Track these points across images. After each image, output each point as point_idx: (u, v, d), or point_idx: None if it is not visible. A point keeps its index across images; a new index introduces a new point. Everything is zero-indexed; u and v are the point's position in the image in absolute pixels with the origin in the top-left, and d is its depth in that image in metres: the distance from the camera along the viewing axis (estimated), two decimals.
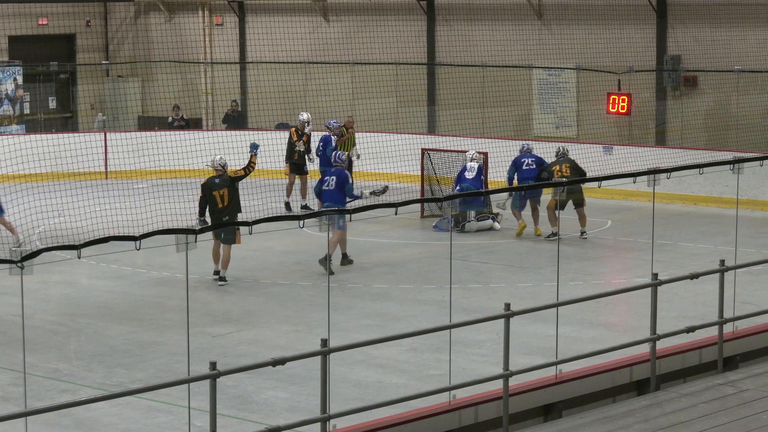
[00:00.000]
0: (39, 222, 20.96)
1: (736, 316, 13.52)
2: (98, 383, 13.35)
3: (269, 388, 13.04)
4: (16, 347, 14.49)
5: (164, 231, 9.78)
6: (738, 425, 10.81)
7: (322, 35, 32.48)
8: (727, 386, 12.01)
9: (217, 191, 18.32)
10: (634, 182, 12.87)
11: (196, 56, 34.16)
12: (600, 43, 27.99)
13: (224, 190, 18.30)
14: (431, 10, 30.94)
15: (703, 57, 27.11)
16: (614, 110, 27.80)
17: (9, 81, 31.17)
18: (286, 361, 9.91)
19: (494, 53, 29.17)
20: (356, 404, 11.32)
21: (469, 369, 13.30)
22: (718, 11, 27.01)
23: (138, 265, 19.20)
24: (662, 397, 11.83)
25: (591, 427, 11.00)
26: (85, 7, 34.46)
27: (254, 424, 11.54)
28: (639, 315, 15.12)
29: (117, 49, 35.59)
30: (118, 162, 28.67)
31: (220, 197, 18.27)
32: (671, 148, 26.56)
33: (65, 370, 13.85)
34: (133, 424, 12.05)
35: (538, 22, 29.44)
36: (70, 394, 12.76)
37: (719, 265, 12.91)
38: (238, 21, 34.09)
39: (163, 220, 21.16)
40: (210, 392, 9.47)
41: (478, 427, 11.36)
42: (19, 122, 31.32)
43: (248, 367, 10.66)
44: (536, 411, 11.84)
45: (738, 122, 26.77)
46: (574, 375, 12.09)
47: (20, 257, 8.85)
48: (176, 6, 35.07)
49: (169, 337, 15.15)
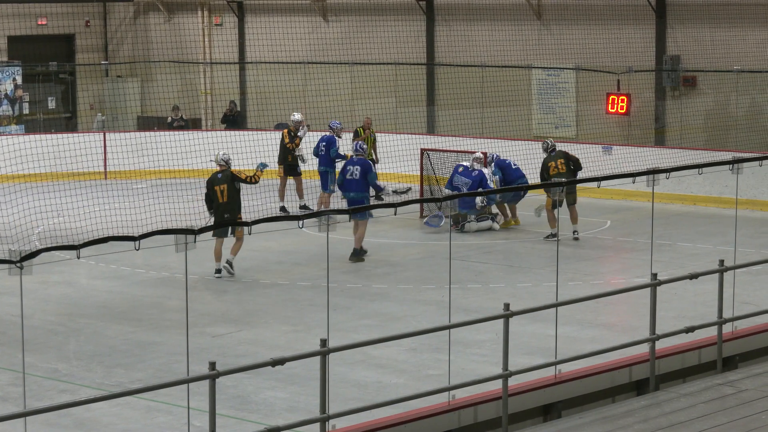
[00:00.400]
0: (38, 222, 20.95)
1: (736, 316, 13.52)
2: (97, 383, 13.35)
3: (268, 388, 13.03)
4: (15, 347, 14.49)
5: (163, 231, 9.77)
6: (737, 425, 10.81)
7: (321, 35, 32.48)
8: (726, 386, 12.01)
9: (218, 186, 18.54)
10: (634, 182, 12.86)
11: (196, 56, 34.17)
12: (599, 43, 27.99)
13: (224, 186, 18.50)
14: (430, 11, 30.95)
15: (702, 57, 27.12)
16: (613, 110, 27.80)
17: (8, 81, 31.17)
18: (286, 361, 9.91)
19: (493, 53, 29.18)
20: (355, 404, 11.32)
21: (469, 369, 13.30)
22: (717, 11, 27.02)
23: (137, 265, 19.19)
24: (661, 397, 11.83)
25: (590, 427, 11.00)
26: (84, 7, 34.46)
27: (253, 425, 11.54)
28: (638, 315, 15.12)
29: (116, 50, 35.59)
30: (117, 162, 28.68)
31: (221, 192, 18.51)
32: (670, 148, 26.57)
33: (64, 370, 13.85)
34: (132, 424, 12.05)
35: (537, 22, 29.44)
36: (70, 394, 12.76)
37: (718, 265, 12.91)
38: (237, 21, 34.10)
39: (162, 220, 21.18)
40: (209, 392, 9.47)
41: (478, 427, 11.35)
42: (19, 122, 31.32)
43: (247, 368, 10.66)
44: (536, 411, 11.84)
45: (737, 122, 26.78)
46: (573, 375, 12.09)
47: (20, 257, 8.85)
48: (175, 6, 35.07)
49: (168, 337, 15.15)
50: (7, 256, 8.89)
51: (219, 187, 18.52)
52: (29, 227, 20.38)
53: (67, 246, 9.36)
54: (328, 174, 23.39)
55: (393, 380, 13.39)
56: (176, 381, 10.31)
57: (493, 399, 11.33)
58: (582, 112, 28.96)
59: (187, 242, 9.54)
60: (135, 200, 23.14)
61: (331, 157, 23.43)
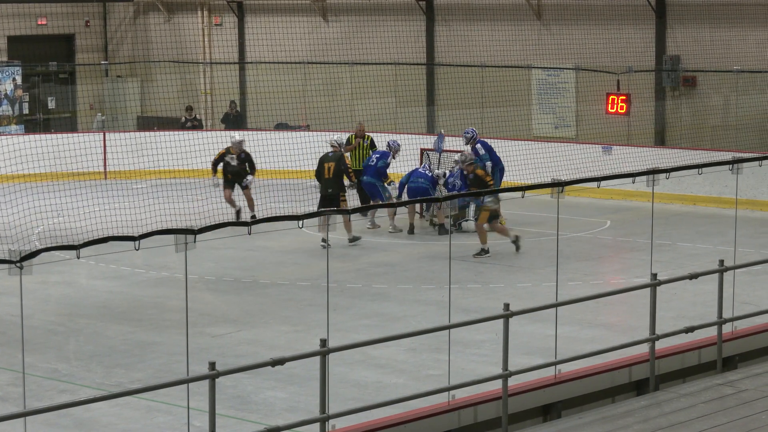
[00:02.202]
0: (38, 222, 20.94)
1: (735, 317, 13.52)
2: (97, 383, 13.35)
3: (268, 388, 13.04)
4: (15, 347, 14.49)
5: (163, 231, 9.77)
6: (737, 425, 10.81)
7: (321, 35, 32.48)
8: (726, 386, 12.01)
9: (327, 163, 20.97)
10: (633, 182, 12.87)
11: (195, 56, 34.17)
12: (599, 43, 27.99)
13: (332, 164, 20.90)
14: (430, 11, 30.95)
15: (702, 57, 27.12)
16: (613, 110, 27.79)
17: (8, 81, 31.18)
18: (285, 362, 9.91)
19: (493, 53, 29.17)
20: (355, 404, 11.32)
21: (468, 369, 13.30)
22: (717, 11, 27.02)
23: (137, 265, 19.20)
24: (661, 397, 11.83)
25: (590, 427, 11.01)
26: (84, 7, 34.46)
27: (253, 425, 11.54)
28: (638, 315, 15.12)
29: (116, 49, 35.59)
30: (117, 162, 28.68)
31: (328, 169, 20.93)
32: (670, 148, 26.57)
33: (64, 371, 13.85)
34: (132, 424, 12.05)
35: (537, 22, 29.44)
36: (70, 394, 12.76)
37: (718, 265, 12.91)
38: (237, 21, 34.10)
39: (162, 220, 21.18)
40: (209, 392, 9.46)
41: (477, 427, 11.35)
42: (18, 122, 31.33)
43: (247, 368, 10.65)
44: (535, 411, 11.84)
45: (737, 122, 26.78)
46: (573, 375, 12.09)
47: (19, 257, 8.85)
48: (175, 6, 35.07)
49: (168, 338, 15.15)
50: (7, 256, 8.89)
51: (327, 164, 20.95)
52: (29, 227, 20.36)
53: (67, 246, 9.36)
54: (376, 186, 22.52)
55: (393, 380, 13.40)
56: (176, 381, 10.31)
57: (493, 399, 11.33)
58: (582, 112, 28.96)
59: (187, 242, 9.54)
60: (135, 200, 23.13)
61: (378, 167, 22.44)
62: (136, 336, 15.36)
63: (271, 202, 23.79)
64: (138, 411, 12.35)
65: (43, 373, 13.63)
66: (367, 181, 22.42)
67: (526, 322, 14.31)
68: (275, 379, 13.09)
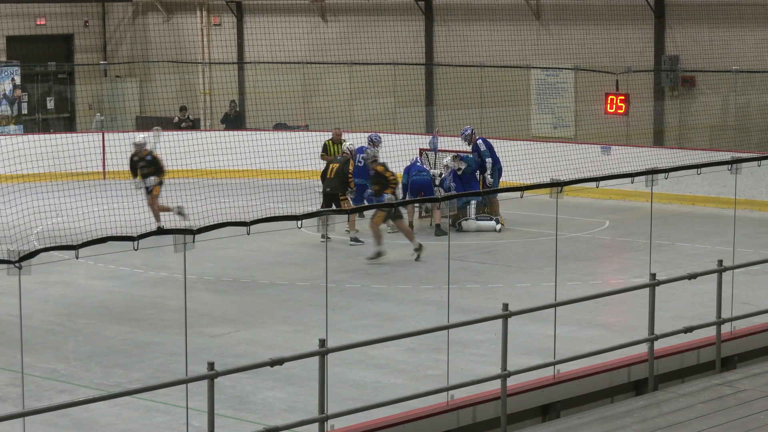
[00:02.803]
0: (37, 222, 20.93)
1: (734, 317, 13.52)
2: (96, 383, 13.34)
3: (267, 388, 13.04)
4: (14, 347, 14.49)
5: (162, 231, 9.78)
6: (736, 425, 10.81)
7: (320, 35, 32.48)
8: (725, 386, 12.02)
9: (333, 165, 21.71)
10: (632, 182, 12.86)
11: (194, 56, 34.16)
12: (598, 43, 28.00)
13: (337, 166, 21.64)
14: (429, 11, 30.95)
15: (701, 57, 27.12)
16: (612, 110, 27.80)
17: (7, 81, 31.17)
18: (284, 362, 9.91)
19: (492, 53, 29.18)
20: (354, 404, 11.31)
21: (467, 369, 13.30)
22: (716, 11, 27.02)
23: (136, 265, 19.20)
24: (660, 397, 11.83)
25: (589, 427, 11.01)
26: (83, 7, 34.46)
27: (252, 425, 11.54)
28: (637, 315, 15.12)
29: (115, 50, 35.59)
30: (116, 162, 28.64)
31: (332, 170, 21.65)
32: (669, 148, 26.58)
33: (63, 371, 13.85)
34: (131, 425, 12.05)
35: (536, 22, 29.45)
36: (68, 395, 12.76)
37: (717, 265, 12.91)
38: (236, 21, 34.10)
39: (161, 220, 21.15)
40: (208, 392, 9.46)
41: (476, 427, 11.35)
42: (17, 122, 31.32)
43: (246, 368, 10.65)
44: (534, 411, 11.84)
45: (736, 122, 26.79)
46: (572, 375, 12.08)
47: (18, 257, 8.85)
48: (174, 6, 35.07)
49: (167, 338, 15.15)
50: (6, 256, 8.89)
51: (333, 165, 21.73)
52: (28, 227, 20.36)
53: (65, 246, 9.36)
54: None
55: (392, 380, 13.40)
56: (175, 381, 10.31)
57: (492, 399, 11.33)
58: (581, 113, 28.96)
59: (186, 242, 9.54)
60: (134, 200, 23.11)
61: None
62: (135, 336, 15.36)
63: (269, 202, 23.79)
64: (137, 411, 12.34)
65: (42, 373, 13.63)
66: (359, 184, 22.45)
67: (525, 322, 14.31)
68: (274, 379, 13.09)
